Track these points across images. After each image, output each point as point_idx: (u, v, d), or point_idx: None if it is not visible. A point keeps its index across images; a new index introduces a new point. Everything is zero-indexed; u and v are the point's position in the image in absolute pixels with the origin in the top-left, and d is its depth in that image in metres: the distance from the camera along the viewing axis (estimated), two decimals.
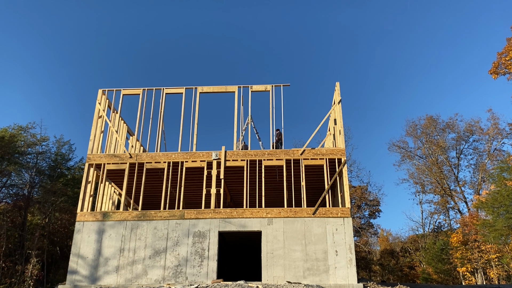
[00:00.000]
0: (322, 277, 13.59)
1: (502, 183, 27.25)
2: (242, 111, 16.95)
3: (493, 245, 30.53)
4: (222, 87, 17.23)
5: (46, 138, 31.82)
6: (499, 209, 27.26)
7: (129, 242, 14.50)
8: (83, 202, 15.39)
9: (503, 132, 39.10)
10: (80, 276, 14.22)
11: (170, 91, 17.31)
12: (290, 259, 13.92)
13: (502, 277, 32.50)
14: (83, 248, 14.54)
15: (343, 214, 14.48)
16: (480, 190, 38.60)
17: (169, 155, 16.03)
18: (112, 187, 18.44)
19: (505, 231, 26.23)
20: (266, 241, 14.24)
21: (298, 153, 15.77)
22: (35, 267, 25.82)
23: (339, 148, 15.81)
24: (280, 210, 14.68)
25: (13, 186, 30.24)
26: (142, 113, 16.94)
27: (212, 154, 15.84)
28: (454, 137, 42.29)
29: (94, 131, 16.78)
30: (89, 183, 15.96)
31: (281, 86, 16.75)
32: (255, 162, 15.77)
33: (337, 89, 17.06)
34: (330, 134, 19.46)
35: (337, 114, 16.72)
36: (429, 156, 42.99)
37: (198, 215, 14.75)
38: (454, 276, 37.34)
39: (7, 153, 27.43)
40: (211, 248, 14.20)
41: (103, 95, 17.56)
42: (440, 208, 42.57)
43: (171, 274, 13.96)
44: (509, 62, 28.10)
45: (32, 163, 30.42)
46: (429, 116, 43.60)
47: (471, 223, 33.21)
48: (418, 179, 43.24)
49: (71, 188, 31.69)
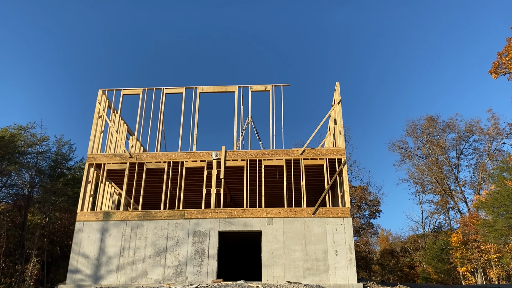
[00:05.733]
0: (322, 277, 13.60)
1: (502, 183, 27.27)
2: (242, 111, 16.97)
3: (493, 245, 30.55)
4: (222, 87, 17.24)
5: (46, 138, 31.89)
6: (499, 209, 27.28)
7: (129, 241, 14.51)
8: (83, 202, 15.40)
9: (503, 132, 39.15)
10: (81, 275, 14.23)
11: (170, 91, 17.31)
12: (290, 259, 13.93)
13: (502, 277, 32.52)
14: (84, 248, 14.54)
15: (343, 214, 14.49)
16: (480, 190, 38.61)
17: (169, 155, 16.03)
18: (112, 187, 18.45)
19: (505, 231, 26.25)
20: (266, 241, 14.24)
21: (298, 153, 15.77)
22: (35, 267, 25.87)
23: (339, 148, 15.81)
24: (280, 210, 14.69)
25: (13, 186, 30.28)
26: (142, 113, 16.95)
27: (212, 154, 15.85)
28: (454, 137, 42.35)
29: (94, 131, 16.79)
30: (89, 183, 15.97)
31: (281, 86, 16.76)
32: (255, 162, 15.78)
33: (337, 89, 17.06)
34: (330, 134, 19.46)
35: (337, 114, 16.72)
36: (429, 156, 43.01)
37: (198, 215, 14.77)
38: (454, 276, 37.36)
39: (7, 153, 27.45)
40: (211, 248, 14.21)
41: (103, 95, 17.57)
42: (440, 208, 42.61)
43: (172, 273, 13.97)
44: (509, 62, 28.10)
45: (32, 163, 30.44)
46: (429, 116, 43.67)
47: (471, 223, 33.22)
48: (418, 179, 43.29)
49: (71, 188, 31.71)
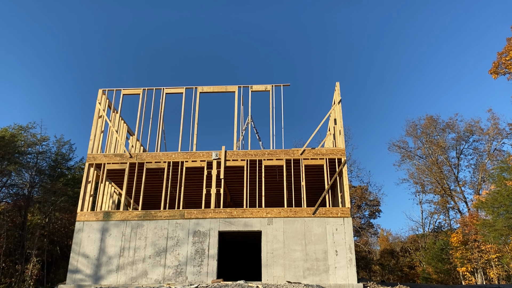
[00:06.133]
0: (322, 277, 13.60)
1: (502, 183, 27.27)
2: (242, 111, 16.97)
3: (493, 245, 30.56)
4: (222, 87, 17.24)
5: (46, 138, 31.89)
6: (499, 209, 27.28)
7: (129, 241, 14.51)
8: (83, 202, 15.40)
9: (503, 132, 39.16)
10: (81, 275, 14.23)
11: (170, 91, 17.31)
12: (290, 259, 13.93)
13: (502, 277, 32.52)
14: (84, 248, 14.55)
15: (343, 214, 14.49)
16: (480, 190, 38.61)
17: (169, 155, 16.03)
18: (112, 187, 18.45)
19: (505, 231, 26.25)
20: (266, 241, 14.24)
21: (298, 153, 15.77)
22: (35, 267, 25.87)
23: (339, 148, 15.81)
24: (280, 210, 14.69)
25: (13, 186, 30.28)
26: (142, 113, 16.95)
27: (212, 154, 15.85)
28: (454, 137, 42.35)
29: (94, 131, 16.79)
30: (89, 183, 15.97)
31: (281, 86, 16.76)
32: (255, 162, 15.78)
33: (337, 89, 17.06)
34: (330, 134, 19.46)
35: (337, 114, 16.72)
36: (429, 156, 43.00)
37: (198, 215, 14.76)
38: (454, 276, 37.36)
39: (7, 152, 27.44)
40: (211, 248, 14.21)
41: (103, 95, 17.57)
42: (440, 208, 42.61)
43: (172, 273, 13.97)
44: (509, 62, 28.11)
45: (32, 163, 30.44)
46: (429, 116, 43.66)
47: (471, 223, 33.22)
48: (418, 179, 43.29)
49: (71, 188, 31.71)
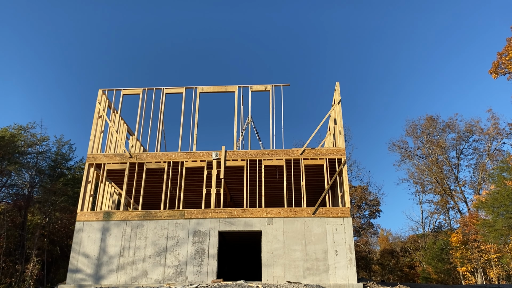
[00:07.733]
0: (322, 277, 13.60)
1: (502, 183, 27.29)
2: (242, 111, 16.97)
3: (493, 245, 30.57)
4: (222, 87, 17.24)
5: (46, 138, 31.88)
6: (499, 209, 27.29)
7: (129, 241, 14.51)
8: (83, 202, 15.40)
9: (503, 132, 39.18)
10: (81, 275, 14.23)
11: (170, 91, 17.31)
12: (290, 259, 13.93)
13: (502, 277, 32.53)
14: (84, 248, 14.55)
15: (343, 214, 14.49)
16: (480, 190, 38.63)
17: (169, 155, 16.03)
18: (112, 187, 18.45)
19: (505, 231, 26.26)
20: (266, 241, 14.25)
21: (298, 153, 15.78)
22: (35, 267, 25.88)
23: (339, 148, 15.82)
24: (280, 210, 14.69)
25: (13, 186, 30.28)
26: (142, 113, 16.95)
27: (212, 154, 15.85)
28: (454, 137, 42.36)
29: (94, 131, 16.79)
30: (89, 183, 15.97)
31: (281, 86, 16.76)
32: (255, 162, 15.78)
33: (337, 89, 17.07)
34: (330, 134, 19.46)
35: (337, 114, 16.72)
36: (429, 156, 43.01)
37: (199, 215, 14.77)
38: (454, 276, 37.37)
39: (7, 153, 27.44)
40: (211, 248, 14.21)
41: (103, 95, 17.57)
42: (440, 208, 42.63)
43: (172, 273, 13.97)
44: (509, 62, 28.11)
45: (32, 163, 30.44)
46: (429, 116, 43.68)
47: (471, 223, 33.23)
48: (418, 179, 43.31)
49: (71, 188, 31.71)
